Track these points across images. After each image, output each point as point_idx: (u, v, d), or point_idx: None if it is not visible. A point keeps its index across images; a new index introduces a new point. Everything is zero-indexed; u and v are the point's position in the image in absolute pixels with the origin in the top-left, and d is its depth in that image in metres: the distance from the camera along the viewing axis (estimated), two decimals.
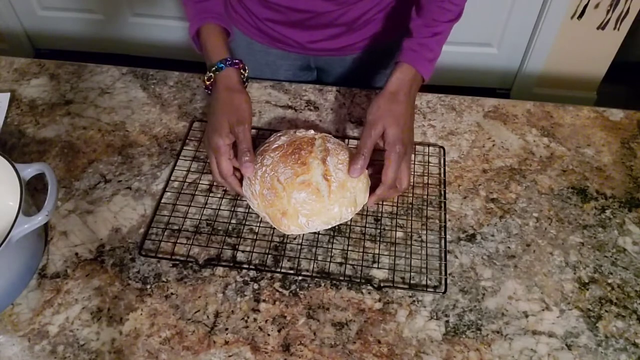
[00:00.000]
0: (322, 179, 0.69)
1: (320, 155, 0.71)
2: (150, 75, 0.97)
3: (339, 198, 0.69)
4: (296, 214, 0.68)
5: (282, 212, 0.69)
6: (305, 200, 0.68)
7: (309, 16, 0.88)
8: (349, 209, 0.70)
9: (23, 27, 2.27)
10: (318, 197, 0.68)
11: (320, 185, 0.69)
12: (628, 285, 0.70)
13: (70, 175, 0.81)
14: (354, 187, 0.70)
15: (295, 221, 0.69)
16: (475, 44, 2.02)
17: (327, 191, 0.68)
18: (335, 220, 0.70)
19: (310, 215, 0.68)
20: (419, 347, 0.64)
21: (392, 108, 0.72)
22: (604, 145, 0.86)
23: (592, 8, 1.78)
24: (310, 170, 0.69)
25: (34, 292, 0.68)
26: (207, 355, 0.63)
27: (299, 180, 0.68)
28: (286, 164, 0.70)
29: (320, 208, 0.68)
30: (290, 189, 0.68)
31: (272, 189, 0.69)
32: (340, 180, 0.69)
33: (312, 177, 0.69)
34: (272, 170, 0.70)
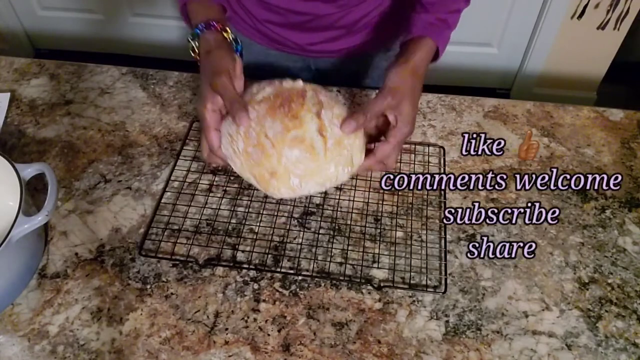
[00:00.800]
0: (317, 134, 0.61)
1: (314, 108, 0.63)
2: (150, 75, 0.97)
3: (335, 156, 0.62)
4: (287, 175, 0.61)
5: (270, 173, 0.61)
6: (299, 158, 0.60)
7: (308, 18, 0.88)
8: (346, 168, 0.64)
9: (23, 27, 2.27)
10: (313, 155, 0.61)
11: (315, 141, 0.61)
12: (628, 285, 0.70)
13: (70, 175, 0.81)
14: (351, 145, 0.63)
15: (287, 182, 0.61)
16: (475, 44, 2.03)
17: (323, 149, 0.61)
18: (331, 181, 0.64)
19: (304, 175, 0.61)
20: (419, 347, 0.64)
21: (414, 84, 0.68)
22: (604, 145, 0.86)
23: (592, 8, 1.78)
24: (304, 124, 0.61)
25: (34, 292, 0.68)
26: (207, 355, 0.63)
27: (290, 136, 0.60)
28: (275, 118, 0.61)
29: (315, 168, 0.61)
30: (281, 145, 0.60)
31: (258, 146, 0.61)
32: (337, 137, 0.62)
33: (305, 133, 0.61)
34: (258, 124, 0.61)
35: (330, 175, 0.63)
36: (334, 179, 0.64)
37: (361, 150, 0.66)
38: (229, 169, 0.81)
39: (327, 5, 0.85)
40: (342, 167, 0.63)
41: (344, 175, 0.64)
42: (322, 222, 0.75)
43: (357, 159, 0.65)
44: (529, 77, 2.06)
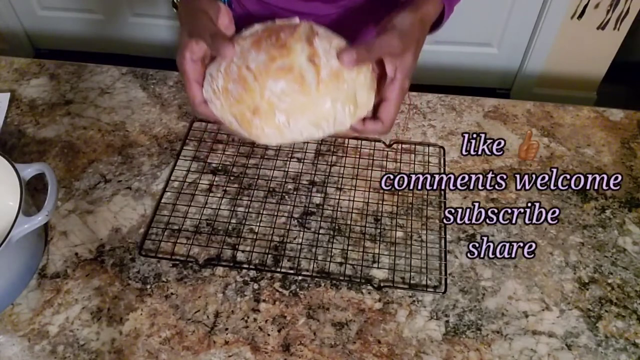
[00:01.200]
0: (308, 63, 0.52)
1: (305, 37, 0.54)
2: (150, 75, 0.97)
3: (331, 90, 0.52)
4: (272, 111, 0.51)
5: (252, 110, 0.52)
6: (285, 90, 0.51)
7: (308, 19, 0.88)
8: (347, 107, 0.53)
9: (23, 27, 2.27)
10: (302, 87, 0.51)
11: (306, 71, 0.51)
12: (628, 285, 0.70)
13: (70, 175, 0.81)
14: (353, 80, 0.53)
15: (271, 120, 0.52)
16: (475, 44, 2.03)
17: (315, 79, 0.51)
18: (327, 120, 0.53)
19: (292, 111, 0.51)
20: (419, 347, 0.64)
21: (420, 36, 0.60)
22: (604, 145, 0.86)
23: (592, 8, 1.78)
24: (292, 53, 0.52)
25: (34, 292, 0.68)
26: (207, 355, 0.63)
27: (276, 65, 0.51)
28: (259, 50, 0.52)
29: (305, 102, 0.51)
30: (264, 77, 0.51)
31: (239, 80, 0.52)
32: (333, 68, 0.52)
33: (294, 61, 0.51)
34: (241, 58, 0.53)
35: (325, 113, 0.52)
36: (331, 118, 0.53)
37: (368, 89, 0.55)
38: (228, 170, 0.81)
39: (327, 6, 0.85)
40: (341, 103, 0.52)
41: (345, 115, 0.53)
42: (322, 222, 0.75)
43: (364, 99, 0.54)
44: (529, 77, 2.06)
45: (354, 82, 0.53)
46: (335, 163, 0.82)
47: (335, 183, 0.80)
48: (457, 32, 1.94)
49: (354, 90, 0.54)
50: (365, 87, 0.55)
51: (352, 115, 0.54)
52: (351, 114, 0.54)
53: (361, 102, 0.55)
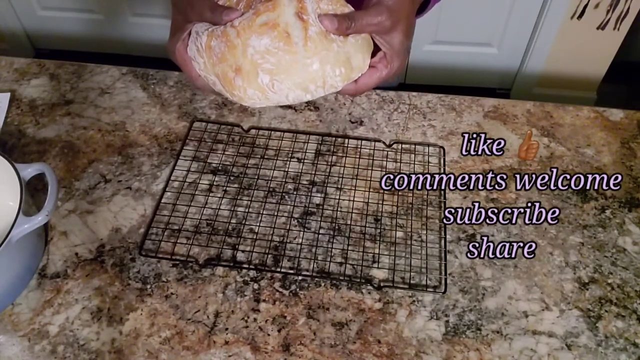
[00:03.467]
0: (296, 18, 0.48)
1: None
2: (150, 75, 0.97)
3: (320, 50, 0.48)
4: (255, 70, 0.48)
5: (235, 69, 0.48)
6: (269, 48, 0.47)
7: None
8: (338, 69, 0.49)
9: (23, 27, 2.27)
10: (288, 45, 0.47)
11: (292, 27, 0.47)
12: (628, 285, 0.70)
13: (70, 175, 0.81)
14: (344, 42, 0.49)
15: (254, 81, 0.48)
16: (475, 44, 2.03)
17: (303, 37, 0.47)
18: (316, 84, 0.49)
19: (276, 71, 0.48)
20: (419, 347, 0.64)
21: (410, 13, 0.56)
22: (604, 145, 0.86)
23: (592, 8, 1.78)
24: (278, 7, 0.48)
25: (34, 292, 0.68)
26: (207, 355, 0.63)
27: (259, 20, 0.47)
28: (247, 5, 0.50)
29: (291, 61, 0.47)
30: (247, 33, 0.47)
31: (222, 36, 0.49)
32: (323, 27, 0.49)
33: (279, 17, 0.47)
34: None
35: (313, 74, 0.48)
36: (320, 80, 0.49)
37: (363, 52, 0.52)
38: (228, 170, 0.81)
39: None
40: (331, 65, 0.48)
41: (335, 78, 0.49)
42: (322, 222, 0.75)
43: (358, 62, 0.50)
44: (529, 77, 2.06)
45: (345, 42, 0.49)
46: (335, 163, 0.82)
47: (335, 183, 0.80)
48: (457, 32, 1.94)
49: (346, 52, 0.50)
50: (359, 48, 0.51)
51: (344, 78, 0.50)
52: (342, 75, 0.50)
53: (356, 65, 0.51)
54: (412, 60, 2.02)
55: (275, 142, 0.85)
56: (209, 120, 0.88)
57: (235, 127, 0.87)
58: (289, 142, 0.85)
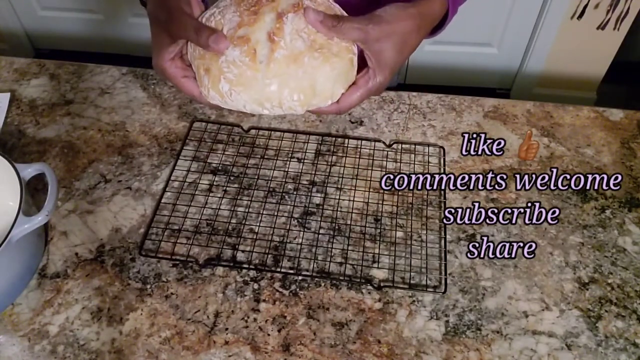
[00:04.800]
0: (266, 38, 0.50)
1: (283, 8, 0.52)
2: (150, 75, 0.97)
3: (282, 73, 0.50)
4: (219, 76, 0.51)
5: (205, 69, 0.52)
6: (236, 60, 0.50)
7: None
8: (296, 95, 0.51)
9: (23, 27, 2.27)
10: (252, 61, 0.50)
11: (261, 46, 0.50)
12: (628, 285, 0.70)
13: (70, 175, 0.81)
14: (315, 68, 0.50)
15: (216, 85, 0.52)
16: (475, 44, 2.03)
17: (267, 57, 0.50)
18: (271, 103, 0.51)
19: (236, 83, 0.51)
20: (419, 347, 0.64)
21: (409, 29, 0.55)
22: (604, 145, 0.86)
23: (592, 8, 1.78)
24: (257, 22, 0.51)
25: (34, 292, 0.68)
26: (207, 355, 0.63)
27: (239, 33, 0.51)
28: (237, 9, 0.52)
29: (250, 77, 0.50)
30: None
31: None
32: (295, 51, 0.50)
33: (253, 33, 0.50)
34: (221, 14, 0.53)
35: (269, 94, 0.51)
36: (276, 102, 0.51)
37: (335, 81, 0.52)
38: (228, 170, 0.81)
39: None
40: (290, 90, 0.50)
41: (293, 103, 0.51)
42: (322, 222, 0.75)
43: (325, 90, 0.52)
44: (529, 77, 2.06)
45: (315, 70, 0.51)
46: (335, 163, 0.82)
47: (335, 183, 0.80)
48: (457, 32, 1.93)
49: (312, 79, 0.51)
50: (331, 78, 0.52)
51: (303, 104, 0.52)
52: (301, 102, 0.52)
53: (321, 92, 0.52)
54: (412, 60, 2.02)
55: (275, 142, 0.85)
56: (209, 120, 0.88)
57: (235, 127, 0.87)
58: (289, 142, 0.85)
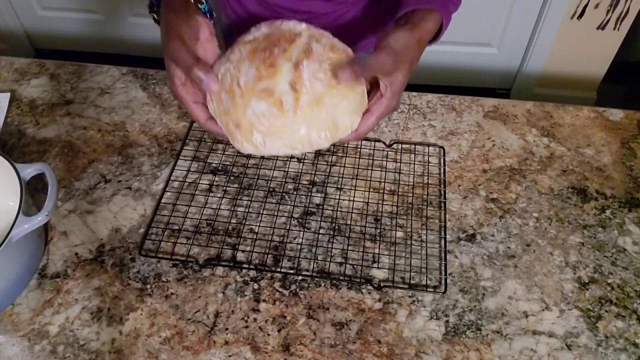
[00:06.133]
0: (289, 88, 0.54)
1: (296, 56, 0.55)
2: (150, 75, 0.97)
3: (308, 117, 0.54)
4: (251, 130, 0.55)
5: (236, 124, 0.56)
6: (264, 113, 0.54)
7: (308, 17, 0.88)
8: (323, 133, 0.55)
9: (23, 27, 2.27)
10: (280, 112, 0.54)
11: (285, 96, 0.54)
12: (628, 285, 0.70)
13: (70, 175, 0.81)
14: (335, 106, 0.55)
15: (249, 138, 0.56)
16: (475, 44, 2.03)
17: (293, 105, 0.54)
18: (303, 144, 0.56)
19: (268, 133, 0.55)
20: (419, 347, 0.64)
21: (414, 56, 0.60)
22: (604, 145, 0.86)
23: (592, 8, 1.78)
24: (277, 75, 0.54)
25: (34, 292, 0.68)
26: (207, 355, 0.63)
27: (260, 86, 0.54)
28: (252, 63, 0.55)
29: (281, 126, 0.54)
30: (249, 95, 0.54)
31: (230, 92, 0.56)
32: (315, 94, 0.54)
33: (276, 85, 0.54)
34: (236, 68, 0.56)
35: (300, 138, 0.55)
36: (307, 143, 0.56)
37: (352, 113, 0.58)
38: (228, 170, 0.81)
39: (327, 4, 0.85)
40: (317, 130, 0.55)
41: (321, 140, 0.56)
42: (322, 222, 0.75)
43: (345, 123, 0.57)
44: (529, 77, 2.06)
45: (335, 107, 0.55)
46: (335, 163, 0.82)
47: (335, 183, 0.80)
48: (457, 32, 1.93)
49: (333, 116, 0.56)
50: (348, 112, 0.57)
51: (330, 139, 0.57)
52: (327, 138, 0.56)
53: (342, 125, 0.57)
54: None
55: None
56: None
57: None
58: None
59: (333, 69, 0.55)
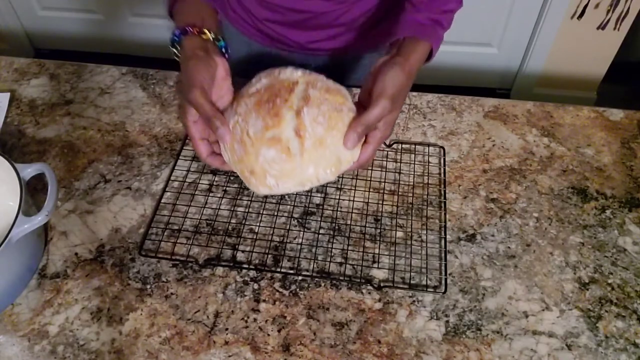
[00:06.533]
0: (294, 135, 0.60)
1: (296, 104, 0.61)
2: (150, 75, 0.97)
3: (314, 157, 0.60)
4: (264, 174, 0.61)
5: (250, 171, 0.61)
6: (275, 159, 0.60)
7: (308, 16, 0.88)
8: (329, 169, 0.62)
9: (23, 27, 2.27)
10: (288, 156, 0.60)
11: (291, 142, 0.60)
12: (628, 285, 0.70)
13: (70, 175, 0.81)
14: (337, 144, 0.61)
15: (264, 181, 0.61)
16: (475, 44, 2.03)
17: (300, 149, 0.60)
18: (312, 181, 0.62)
19: (280, 176, 0.61)
20: (419, 347, 0.64)
21: (406, 89, 0.66)
22: (604, 145, 0.86)
23: (592, 8, 1.78)
24: (282, 123, 0.60)
25: (34, 292, 0.68)
26: (207, 355, 0.63)
27: (268, 135, 0.60)
28: (258, 114, 0.61)
29: (291, 168, 0.60)
30: (259, 144, 0.60)
31: (241, 143, 0.61)
32: (318, 136, 0.60)
33: (282, 133, 0.60)
34: (244, 120, 0.62)
35: (309, 177, 0.62)
36: (315, 180, 0.62)
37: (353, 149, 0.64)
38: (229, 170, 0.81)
39: (327, 3, 0.85)
40: (323, 168, 0.61)
41: (327, 175, 0.62)
42: (322, 222, 0.75)
43: (347, 156, 0.63)
44: (529, 77, 2.06)
45: (337, 145, 0.62)
46: None
47: (335, 183, 0.80)
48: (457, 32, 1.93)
49: (336, 154, 0.62)
50: None
51: (335, 173, 0.63)
52: (333, 172, 0.62)
53: (345, 160, 0.63)
54: None
55: None
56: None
57: None
58: None
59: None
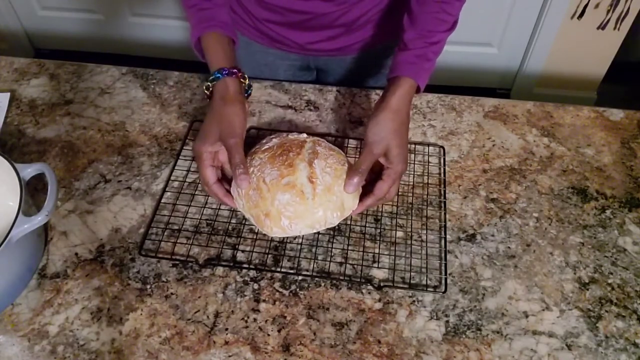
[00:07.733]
0: (307, 181, 0.68)
1: (307, 157, 0.70)
2: (150, 75, 0.97)
3: (324, 202, 0.68)
4: (279, 216, 0.67)
5: (265, 213, 0.68)
6: (289, 202, 0.67)
7: (308, 17, 0.88)
8: (335, 213, 0.69)
9: (23, 27, 2.27)
10: (302, 200, 0.67)
11: (305, 187, 0.67)
12: (628, 285, 0.70)
13: (70, 175, 0.81)
14: (341, 192, 0.69)
15: (278, 223, 0.67)
16: (475, 44, 2.03)
17: (312, 194, 0.67)
18: (320, 224, 0.69)
19: (293, 217, 0.67)
20: (419, 347, 0.64)
21: (396, 128, 0.72)
22: (604, 145, 0.86)
23: (592, 8, 1.78)
24: (296, 172, 0.68)
25: (34, 292, 0.68)
26: (207, 355, 0.63)
27: (284, 181, 0.67)
28: (273, 165, 0.69)
29: (303, 210, 0.67)
30: (275, 190, 0.67)
31: (257, 189, 0.68)
32: (327, 184, 0.68)
33: (297, 179, 0.68)
34: (259, 171, 0.69)
35: (318, 219, 0.68)
36: (323, 222, 0.69)
37: (354, 197, 0.71)
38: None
39: (326, 4, 0.85)
40: (330, 211, 0.68)
41: (334, 219, 0.69)
42: None
43: (349, 204, 0.70)
44: (529, 77, 2.06)
45: (342, 193, 0.69)
46: None
47: None
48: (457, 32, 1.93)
49: (341, 200, 0.69)
50: (352, 196, 0.70)
51: (339, 218, 0.70)
52: (338, 217, 0.69)
53: (348, 207, 0.70)
54: None
55: None
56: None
57: None
58: None
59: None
